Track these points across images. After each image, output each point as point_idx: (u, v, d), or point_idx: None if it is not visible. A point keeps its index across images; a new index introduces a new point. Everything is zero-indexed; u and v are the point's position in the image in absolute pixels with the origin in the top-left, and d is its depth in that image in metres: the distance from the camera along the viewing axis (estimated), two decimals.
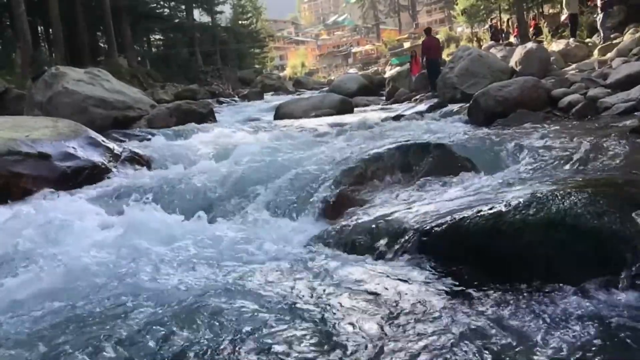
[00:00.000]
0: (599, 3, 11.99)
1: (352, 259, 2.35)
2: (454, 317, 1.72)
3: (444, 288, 1.95)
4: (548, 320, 1.64)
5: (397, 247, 2.27)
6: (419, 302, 1.86)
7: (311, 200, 3.46)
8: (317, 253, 2.53)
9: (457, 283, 1.97)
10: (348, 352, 1.56)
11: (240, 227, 3.29)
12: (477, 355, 1.49)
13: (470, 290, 1.89)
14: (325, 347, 1.59)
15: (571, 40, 13.38)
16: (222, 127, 9.23)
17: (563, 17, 15.81)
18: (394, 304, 1.85)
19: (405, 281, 2.04)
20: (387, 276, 2.10)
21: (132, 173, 5.21)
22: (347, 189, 3.38)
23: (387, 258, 2.27)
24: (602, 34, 11.52)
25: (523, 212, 2.07)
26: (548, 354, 1.47)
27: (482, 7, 28.09)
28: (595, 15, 12.58)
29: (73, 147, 5.05)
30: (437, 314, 1.75)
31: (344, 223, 2.82)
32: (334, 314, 1.81)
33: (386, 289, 1.98)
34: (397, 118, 9.21)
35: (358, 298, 1.92)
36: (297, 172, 4.11)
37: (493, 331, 1.60)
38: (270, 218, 3.35)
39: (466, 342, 1.56)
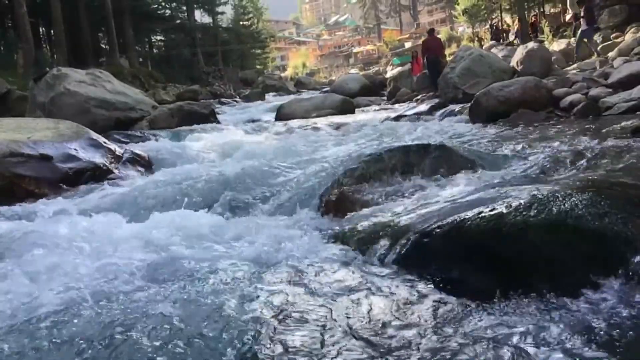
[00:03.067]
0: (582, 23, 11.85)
1: (353, 260, 2.35)
2: (454, 318, 1.72)
3: (444, 289, 1.95)
4: (549, 321, 1.64)
5: (397, 248, 2.27)
6: (419, 303, 1.86)
7: (312, 201, 3.46)
8: (317, 255, 2.53)
9: (457, 284, 1.97)
10: (348, 356, 1.56)
11: (240, 227, 3.29)
12: (478, 356, 1.49)
13: (471, 292, 1.89)
14: (325, 351, 1.59)
15: (572, 39, 13.37)
16: (224, 128, 9.25)
17: (568, 17, 15.78)
18: (393, 306, 1.85)
19: (405, 282, 2.04)
20: (388, 277, 2.10)
21: (133, 174, 5.22)
22: (348, 189, 3.38)
23: (387, 259, 2.27)
24: (595, 52, 11.46)
25: (524, 213, 2.06)
26: (550, 355, 1.47)
27: (483, 7, 28.15)
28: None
29: (75, 149, 5.08)
30: (436, 316, 1.75)
31: (345, 224, 2.82)
32: (333, 316, 1.81)
33: (386, 290, 1.98)
34: (398, 118, 9.23)
35: (357, 300, 1.92)
36: (298, 173, 4.12)
37: (494, 332, 1.60)
38: (270, 219, 3.35)
39: (467, 343, 1.56)
